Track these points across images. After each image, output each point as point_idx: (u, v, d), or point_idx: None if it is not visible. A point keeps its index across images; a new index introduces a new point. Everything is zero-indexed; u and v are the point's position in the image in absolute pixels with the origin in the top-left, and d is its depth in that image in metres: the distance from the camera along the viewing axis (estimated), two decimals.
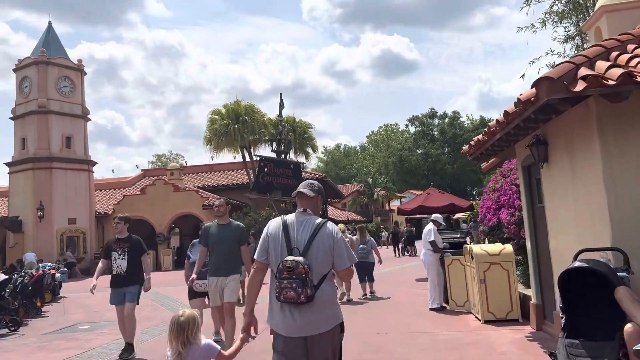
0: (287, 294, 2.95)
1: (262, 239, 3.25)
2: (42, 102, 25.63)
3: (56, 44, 27.67)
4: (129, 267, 6.79)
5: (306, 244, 3.08)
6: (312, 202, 3.30)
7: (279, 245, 3.13)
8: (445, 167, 66.88)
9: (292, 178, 26.86)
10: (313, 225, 3.15)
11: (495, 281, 7.63)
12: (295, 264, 2.96)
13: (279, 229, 3.18)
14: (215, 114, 27.60)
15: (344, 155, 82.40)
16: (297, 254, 3.04)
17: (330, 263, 3.13)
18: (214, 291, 6.30)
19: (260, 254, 3.22)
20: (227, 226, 6.37)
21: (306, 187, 3.32)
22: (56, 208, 25.46)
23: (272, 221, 3.32)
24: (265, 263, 3.19)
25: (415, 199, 15.29)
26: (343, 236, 3.32)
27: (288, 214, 3.33)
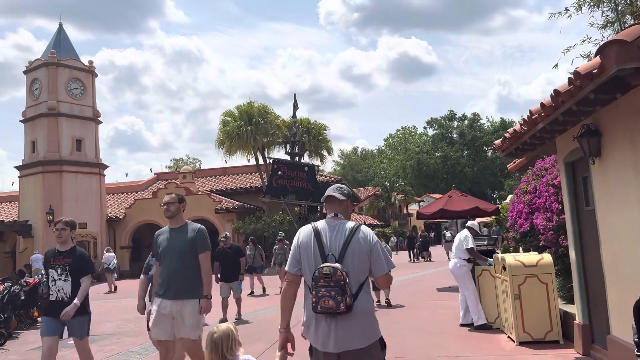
0: (325, 303, 2.77)
1: (292, 249, 3.08)
2: (52, 104, 25.19)
3: (67, 45, 27.26)
4: (74, 292, 5.04)
5: (341, 249, 2.90)
6: (342, 206, 3.12)
7: (311, 253, 2.95)
8: (465, 170, 65.41)
9: (306, 181, 26.04)
10: (346, 229, 2.97)
11: (532, 296, 6.61)
12: (333, 270, 2.78)
13: (310, 236, 3.00)
14: (228, 116, 26.88)
15: (361, 158, 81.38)
16: (333, 260, 2.87)
17: (368, 269, 2.95)
18: (160, 320, 4.58)
19: (292, 265, 3.03)
20: (179, 230, 4.78)
21: (336, 190, 3.15)
22: (66, 212, 24.78)
23: (302, 229, 3.12)
24: (298, 275, 3.02)
25: (436, 202, 14.25)
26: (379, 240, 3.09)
27: (318, 221, 3.11)
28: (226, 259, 9.94)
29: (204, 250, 4.70)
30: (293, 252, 3.06)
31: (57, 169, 25.01)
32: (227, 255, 9.96)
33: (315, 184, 26.26)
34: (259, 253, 15.05)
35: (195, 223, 4.91)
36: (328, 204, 3.14)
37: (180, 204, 4.88)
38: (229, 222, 26.14)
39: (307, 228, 3.10)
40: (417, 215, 13.79)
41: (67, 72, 26.08)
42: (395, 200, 44.02)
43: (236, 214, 26.43)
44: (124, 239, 27.78)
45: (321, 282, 2.79)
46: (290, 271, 3.03)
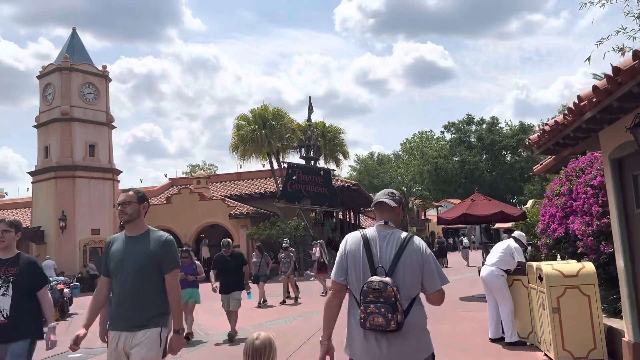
0: (374, 320, 2.63)
1: (339, 257, 2.90)
2: (65, 109, 25.01)
3: (80, 50, 27.13)
4: (15, 310, 3.91)
5: (392, 262, 2.75)
6: (393, 213, 2.95)
7: (359, 263, 2.79)
8: (484, 175, 64.26)
9: (322, 186, 25.45)
10: (398, 240, 2.82)
11: (573, 310, 5.90)
12: (383, 285, 2.63)
13: (358, 245, 2.84)
14: (242, 120, 26.43)
15: (377, 163, 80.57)
16: (383, 273, 2.72)
17: (420, 284, 2.79)
18: (113, 355, 3.43)
19: (338, 273, 2.88)
20: (138, 240, 3.55)
21: (387, 196, 2.97)
22: (79, 218, 24.70)
23: (349, 236, 2.95)
24: (343, 284, 2.86)
25: (458, 206, 13.51)
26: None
27: (367, 228, 2.93)
28: (226, 268, 9.04)
29: (171, 269, 3.51)
30: (339, 260, 2.89)
31: (69, 174, 24.78)
32: (227, 264, 9.06)
33: (331, 189, 25.65)
34: (266, 261, 14.06)
35: (161, 232, 3.66)
36: (378, 210, 2.97)
37: (140, 204, 3.62)
38: (243, 227, 25.63)
39: (355, 235, 2.92)
40: (438, 220, 13.08)
41: (81, 77, 25.91)
42: (413, 206, 43.12)
43: (250, 219, 25.91)
44: None
45: (370, 297, 2.64)
46: (336, 280, 2.88)
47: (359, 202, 36.15)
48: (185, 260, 8.76)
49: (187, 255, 9.00)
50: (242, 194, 29.90)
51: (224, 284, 8.98)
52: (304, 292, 16.40)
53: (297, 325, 10.05)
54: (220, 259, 9.22)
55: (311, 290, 17.40)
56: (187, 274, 8.76)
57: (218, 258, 9.29)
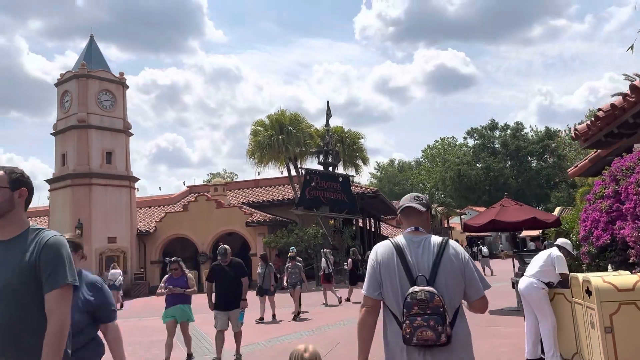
0: (423, 334, 2.41)
1: (370, 269, 2.69)
2: (81, 116, 24.83)
3: (97, 57, 27.01)
4: None
5: (431, 270, 2.54)
6: (422, 218, 2.78)
7: (395, 274, 2.58)
8: (509, 182, 62.73)
9: (341, 192, 24.72)
10: (434, 245, 2.64)
11: (629, 329, 5.05)
12: (430, 295, 2.42)
13: (391, 255, 2.63)
14: (259, 125, 25.90)
15: (398, 170, 79.49)
16: (424, 282, 2.50)
17: (462, 291, 2.61)
18: None
19: (371, 287, 2.65)
20: (11, 245, 2.29)
21: (414, 200, 2.80)
22: (95, 226, 24.41)
23: (378, 246, 2.76)
24: (378, 299, 2.63)
25: (486, 212, 12.62)
26: None
27: (396, 236, 2.76)
28: (224, 280, 7.76)
29: (53, 286, 2.20)
30: (371, 272, 2.70)
31: (86, 181, 24.54)
32: (225, 275, 7.77)
33: (350, 196, 24.88)
34: (271, 272, 12.70)
35: (47, 230, 2.38)
36: (405, 216, 2.80)
37: (14, 190, 2.34)
38: (260, 235, 25.02)
39: (385, 245, 2.74)
40: (464, 227, 12.22)
41: (97, 84, 25.74)
42: (436, 213, 42.01)
43: (268, 227, 25.29)
44: (155, 254, 27.04)
45: (415, 310, 2.45)
46: (370, 295, 2.67)
47: (380, 210, 35.27)
48: (176, 272, 7.78)
49: (177, 266, 7.80)
50: (260, 201, 29.35)
51: (221, 299, 7.72)
52: (319, 303, 15.66)
53: (313, 341, 9.30)
54: (217, 269, 7.92)
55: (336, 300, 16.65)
56: (177, 287, 7.68)
57: (214, 268, 7.98)
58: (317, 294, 18.02)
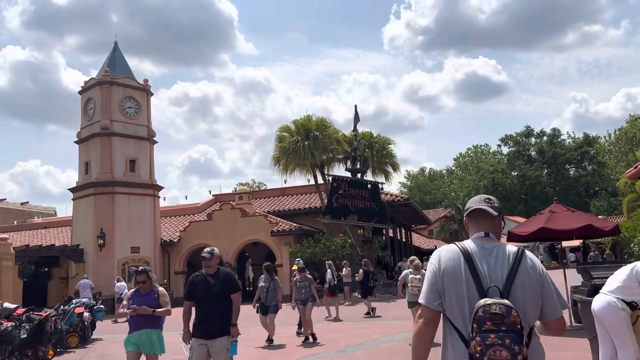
0: (497, 354, 2.12)
1: (431, 276, 2.42)
2: (105, 124, 24.42)
3: (122, 64, 26.68)
4: None
5: (505, 281, 2.29)
6: (494, 223, 2.51)
7: (462, 283, 2.32)
8: (546, 190, 60.26)
9: (369, 200, 23.60)
10: (508, 254, 2.37)
11: None
12: (506, 310, 2.16)
13: (458, 261, 2.37)
14: (284, 131, 25.01)
15: (429, 179, 77.60)
16: (497, 295, 2.24)
17: (539, 309, 2.35)
18: None
19: (431, 296, 2.39)
20: None
21: (484, 202, 2.52)
22: (118, 236, 23.86)
23: (442, 251, 2.47)
24: (438, 310, 2.38)
25: (534, 219, 11.29)
26: None
27: (463, 241, 2.48)
28: (207, 296, 5.57)
29: None
30: (432, 280, 2.41)
31: (109, 190, 24.05)
32: (208, 289, 5.58)
33: (379, 204, 23.71)
34: (276, 286, 10.59)
35: None
36: (473, 220, 2.53)
37: None
38: (285, 245, 24.02)
39: (450, 249, 2.44)
40: (509, 236, 10.94)
41: (121, 91, 25.35)
42: None
43: (294, 236, 24.28)
44: (179, 264, 26.34)
45: (488, 325, 2.15)
46: (429, 305, 2.38)
47: (411, 219, 33.90)
48: (143, 286, 5.91)
49: (146, 278, 5.92)
50: (286, 210, 28.42)
51: (201, 323, 5.59)
52: (347, 316, 14.50)
53: None
54: (198, 281, 5.70)
55: (354, 315, 15.47)
56: (144, 306, 5.77)
57: (194, 280, 5.75)
58: (356, 306, 16.89)
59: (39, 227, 34.78)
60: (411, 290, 9.78)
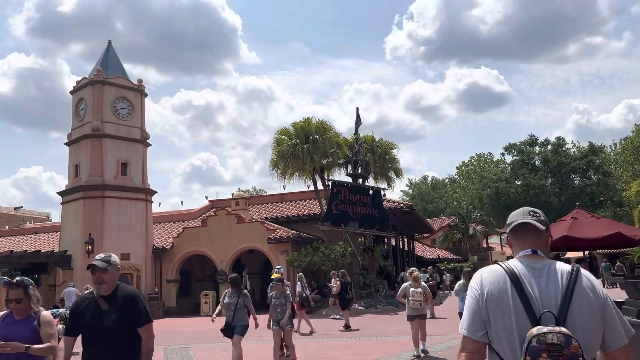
0: None
1: (472, 302, 2.14)
2: (96, 125, 23.42)
3: (115, 64, 25.74)
4: None
5: (560, 306, 2.03)
6: (542, 239, 2.24)
7: (509, 310, 2.04)
8: (550, 200, 59.11)
9: (371, 207, 22.50)
10: (561, 274, 2.10)
11: None
12: (565, 339, 1.90)
13: (504, 284, 2.09)
14: (283, 134, 23.98)
15: (432, 188, 76.51)
16: (552, 322, 1.98)
17: (600, 337, 2.06)
18: None
19: (474, 326, 2.11)
20: None
21: (529, 215, 2.25)
22: (107, 242, 22.76)
23: (484, 272, 2.18)
24: (482, 342, 2.10)
25: (555, 226, 10.22)
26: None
27: (507, 260, 2.21)
28: (95, 331, 3.62)
29: None
30: (474, 307, 2.12)
31: (99, 194, 23.03)
32: (98, 318, 3.61)
33: (381, 210, 22.61)
34: (245, 302, 8.49)
35: None
36: (517, 236, 2.26)
37: None
38: (283, 253, 22.91)
39: (494, 271, 2.15)
40: None
41: (114, 91, 24.39)
42: (475, 232, 39.13)
43: (291, 244, 23.18)
44: (171, 272, 25.21)
45: (544, 357, 1.90)
46: (471, 336, 2.10)
47: (413, 227, 32.77)
48: (17, 306, 3.83)
49: (22, 295, 3.83)
50: (284, 216, 27.34)
51: None
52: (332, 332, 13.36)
53: None
54: (84, 307, 3.73)
55: (333, 329, 14.32)
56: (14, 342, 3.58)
57: (79, 306, 3.79)
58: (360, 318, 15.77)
59: (29, 233, 33.72)
60: (412, 304, 9.47)
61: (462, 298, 9.85)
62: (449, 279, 32.34)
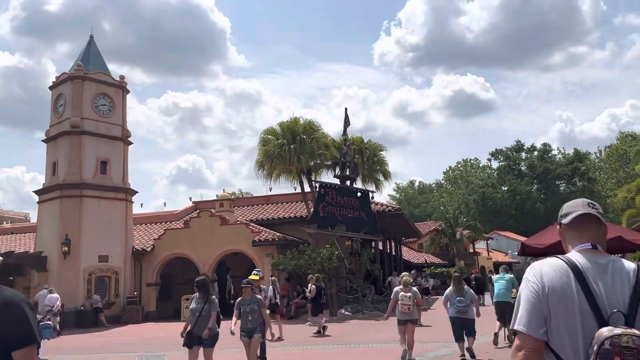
0: None
1: (531, 296, 1.96)
2: (75, 121, 22.56)
3: (97, 59, 24.93)
4: None
5: (629, 305, 1.89)
6: (601, 233, 2.10)
7: (574, 308, 1.90)
8: (537, 206, 59.20)
9: (359, 209, 21.99)
10: (628, 271, 1.96)
11: None
12: None
13: (568, 279, 1.93)
14: (269, 134, 23.35)
15: (419, 192, 76.37)
16: (622, 322, 1.84)
17: None
18: None
19: (534, 322, 1.92)
20: None
21: (588, 207, 2.10)
22: (85, 243, 21.92)
23: (544, 265, 1.99)
24: (542, 339, 1.93)
25: (553, 229, 9.72)
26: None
27: (566, 254, 2.05)
28: None
29: None
30: (533, 301, 1.94)
31: (77, 193, 22.16)
32: None
33: (369, 213, 22.11)
34: (213, 310, 7.61)
35: None
36: (575, 228, 2.09)
37: None
38: (268, 256, 22.27)
39: (555, 264, 1.98)
40: (522, 249, 9.41)
41: (94, 87, 23.56)
42: (462, 237, 38.81)
43: (277, 247, 22.55)
44: (152, 275, 24.39)
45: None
46: (531, 333, 1.92)
47: (401, 231, 32.32)
48: None
49: None
50: (270, 218, 26.68)
51: None
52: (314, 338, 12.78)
53: None
54: None
55: (342, 335, 13.75)
56: None
57: None
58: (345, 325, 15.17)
59: (5, 233, 32.57)
60: (401, 308, 9.48)
61: (452, 304, 9.50)
62: (432, 284, 31.88)
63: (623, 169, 54.37)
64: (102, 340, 17.38)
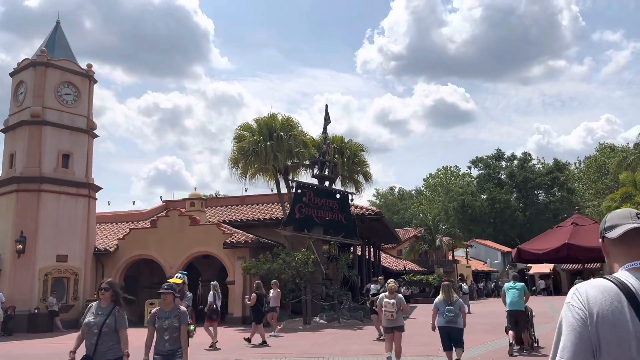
0: None
1: (574, 323, 1.66)
2: (35, 110, 20.98)
3: (63, 46, 23.36)
4: None
5: None
6: None
7: (629, 335, 1.62)
8: (515, 215, 58.99)
9: (337, 212, 20.87)
10: None
11: None
12: None
13: (619, 304, 1.66)
14: (245, 130, 22.11)
15: (398, 199, 75.74)
16: None
17: None
18: None
19: (580, 354, 1.64)
20: None
21: (637, 218, 1.80)
22: (42, 241, 20.32)
23: (590, 288, 1.69)
24: None
25: (553, 233, 8.84)
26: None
27: (614, 274, 1.75)
28: None
29: None
30: (580, 331, 1.64)
31: (35, 187, 20.56)
32: None
33: (348, 216, 21.01)
34: (118, 324, 5.40)
35: None
36: (624, 243, 1.77)
37: None
38: (240, 259, 20.97)
39: (603, 287, 1.68)
40: (518, 254, 8.37)
41: (59, 75, 22.01)
42: (442, 244, 37.99)
43: (250, 249, 21.28)
44: (114, 277, 22.68)
45: None
46: None
47: (380, 236, 31.29)
48: None
49: None
50: (244, 219, 25.37)
51: None
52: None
53: None
54: None
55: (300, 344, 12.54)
56: None
57: None
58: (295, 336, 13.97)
59: None
60: (385, 314, 9.46)
61: (441, 313, 9.01)
62: (404, 292, 30.86)
63: (602, 180, 54.51)
64: (54, 346, 15.85)
